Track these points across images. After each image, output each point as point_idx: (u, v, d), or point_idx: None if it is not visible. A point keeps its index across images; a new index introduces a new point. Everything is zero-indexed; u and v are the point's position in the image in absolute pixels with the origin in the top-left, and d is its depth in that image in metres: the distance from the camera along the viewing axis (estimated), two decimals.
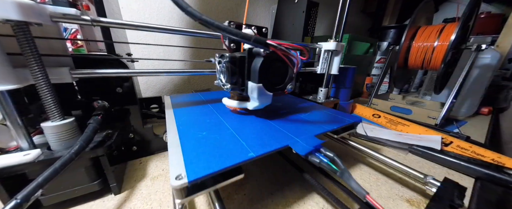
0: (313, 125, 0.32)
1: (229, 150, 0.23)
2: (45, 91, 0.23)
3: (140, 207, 0.27)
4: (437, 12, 1.24)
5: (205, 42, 0.71)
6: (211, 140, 0.25)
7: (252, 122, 0.32)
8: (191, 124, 0.30)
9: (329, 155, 0.23)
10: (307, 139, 0.26)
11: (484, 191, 0.31)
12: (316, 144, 0.24)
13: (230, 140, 0.25)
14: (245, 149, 0.23)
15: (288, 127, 0.30)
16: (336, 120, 0.35)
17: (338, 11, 0.46)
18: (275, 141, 0.25)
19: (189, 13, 0.23)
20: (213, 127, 0.29)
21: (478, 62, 0.65)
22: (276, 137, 0.27)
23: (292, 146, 0.24)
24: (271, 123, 0.32)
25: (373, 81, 0.99)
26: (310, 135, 0.27)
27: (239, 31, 0.23)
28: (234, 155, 0.22)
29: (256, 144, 0.24)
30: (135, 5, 0.59)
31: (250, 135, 0.27)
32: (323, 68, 0.49)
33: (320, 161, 0.23)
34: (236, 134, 0.27)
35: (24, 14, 0.20)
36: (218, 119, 0.32)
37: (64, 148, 0.25)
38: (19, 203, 0.17)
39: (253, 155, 0.22)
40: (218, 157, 0.21)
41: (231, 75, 0.29)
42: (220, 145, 0.24)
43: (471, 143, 0.45)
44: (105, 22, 0.26)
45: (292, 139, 0.26)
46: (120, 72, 0.31)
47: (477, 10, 0.58)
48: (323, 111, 0.41)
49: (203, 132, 0.27)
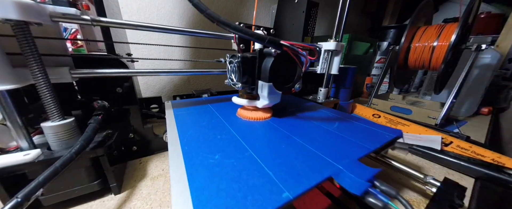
0: (346, 141, 0.26)
1: (253, 187, 0.17)
2: (45, 91, 0.23)
3: (140, 207, 0.27)
4: (437, 12, 1.24)
5: (205, 42, 0.71)
6: (227, 168, 0.19)
7: (271, 137, 0.27)
8: (198, 142, 0.24)
9: (389, 192, 0.17)
10: (352, 166, 0.20)
11: (484, 191, 0.31)
12: (369, 175, 0.18)
13: (251, 167, 0.19)
14: (275, 185, 0.17)
15: (317, 145, 0.24)
16: (372, 133, 0.28)
17: (338, 11, 0.46)
18: (310, 169, 0.19)
19: (208, 15, 0.24)
20: (227, 146, 0.24)
21: (478, 62, 0.65)
22: (308, 161, 0.21)
23: (336, 177, 0.18)
24: (294, 138, 0.26)
25: (373, 81, 0.99)
26: (352, 158, 0.21)
27: (254, 32, 0.25)
28: (263, 195, 0.16)
29: (286, 173, 0.18)
30: (135, 5, 0.59)
31: (275, 159, 0.21)
32: (323, 68, 0.49)
33: (384, 205, 0.16)
34: (257, 157, 0.21)
35: (24, 13, 0.20)
36: (230, 133, 0.27)
37: (64, 148, 0.25)
38: (19, 202, 0.17)
39: (289, 196, 0.16)
40: (241, 201, 0.15)
41: (243, 75, 0.30)
42: (240, 178, 0.18)
43: (471, 143, 0.45)
44: (105, 22, 0.26)
45: (331, 164, 0.20)
46: (120, 72, 0.31)
47: (477, 10, 0.58)
48: (349, 121, 0.34)
49: (215, 155, 0.21)
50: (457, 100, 0.60)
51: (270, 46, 0.26)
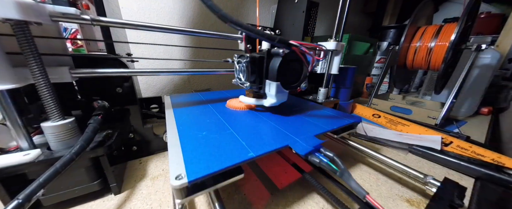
0: (313, 125, 0.32)
1: (229, 150, 0.23)
2: (45, 91, 0.23)
3: (140, 207, 0.27)
4: (437, 12, 1.24)
5: (205, 42, 0.71)
6: (211, 139, 0.25)
7: (252, 122, 0.32)
8: (191, 124, 0.30)
9: (329, 155, 0.24)
10: (307, 139, 0.26)
11: (484, 191, 0.31)
12: (316, 144, 0.25)
13: (230, 140, 0.25)
14: (245, 149, 0.23)
15: (288, 127, 0.30)
16: (336, 120, 0.35)
17: (338, 11, 0.46)
18: (275, 141, 0.25)
19: (221, 16, 0.24)
20: (213, 127, 0.29)
21: (478, 62, 0.65)
22: (276, 137, 0.27)
23: (292, 145, 0.25)
24: (271, 123, 0.32)
25: (373, 81, 0.99)
26: (310, 135, 0.28)
27: (265, 33, 0.26)
28: (234, 154, 0.22)
29: (256, 144, 0.24)
30: (135, 6, 0.59)
31: (250, 135, 0.27)
32: (323, 68, 0.49)
33: (320, 161, 0.23)
34: (236, 134, 0.27)
35: (24, 13, 0.20)
36: (218, 119, 0.33)
37: (64, 148, 0.25)
38: (21, 203, 0.17)
39: (253, 155, 0.22)
40: (218, 157, 0.21)
41: (251, 74, 0.31)
42: (220, 145, 0.24)
43: (471, 143, 0.45)
44: (105, 22, 0.26)
45: (292, 139, 0.26)
46: (120, 71, 0.31)
47: (477, 9, 0.58)
48: (323, 111, 0.41)
49: (203, 132, 0.27)
50: (457, 100, 0.60)
51: (279, 46, 0.27)
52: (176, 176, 0.18)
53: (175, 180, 0.17)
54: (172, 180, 0.17)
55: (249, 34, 0.27)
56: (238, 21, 0.24)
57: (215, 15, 0.24)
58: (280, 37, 0.26)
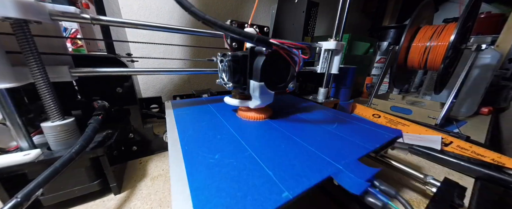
0: (346, 140, 0.26)
1: (253, 187, 0.17)
2: (44, 90, 0.23)
3: (140, 207, 0.27)
4: (437, 12, 1.24)
5: (205, 41, 0.71)
6: (227, 167, 0.19)
7: (271, 137, 0.27)
8: (198, 143, 0.24)
9: (389, 192, 0.17)
10: (352, 166, 0.20)
11: (484, 191, 0.31)
12: (369, 175, 0.18)
13: (251, 167, 0.19)
14: (275, 185, 0.17)
15: (317, 145, 0.24)
16: (371, 133, 0.28)
17: (338, 11, 0.46)
18: (310, 169, 0.19)
19: (192, 13, 0.23)
20: (227, 146, 0.24)
21: (478, 62, 0.65)
22: (308, 161, 0.21)
23: (336, 177, 0.19)
24: (293, 138, 0.26)
25: (373, 81, 0.99)
26: (352, 158, 0.21)
27: (242, 31, 0.24)
28: (262, 195, 0.16)
29: (286, 173, 0.18)
30: (135, 5, 0.59)
31: (275, 159, 0.21)
32: (323, 68, 0.49)
33: (384, 205, 0.16)
34: (256, 157, 0.21)
35: (23, 12, 0.20)
36: (230, 134, 0.27)
37: (64, 148, 0.25)
38: (19, 202, 0.17)
39: (289, 196, 0.16)
40: (241, 200, 0.15)
41: (234, 74, 0.29)
42: (239, 178, 0.18)
43: (471, 143, 0.45)
44: (105, 21, 0.26)
45: (330, 164, 0.20)
46: (120, 71, 0.31)
47: (477, 9, 0.58)
48: (349, 120, 0.34)
49: (215, 155, 0.22)
50: (457, 100, 0.60)
51: (259, 45, 0.26)
52: None
53: None
54: None
55: (225, 33, 0.25)
56: (212, 18, 0.23)
57: (186, 12, 0.23)
58: (258, 36, 0.23)
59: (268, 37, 0.25)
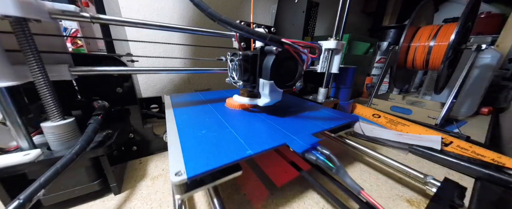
0: (310, 123, 0.33)
1: (227, 148, 0.23)
2: (44, 89, 0.23)
3: (140, 207, 0.27)
4: (437, 12, 1.24)
5: (205, 41, 0.71)
6: (210, 138, 0.26)
7: (251, 121, 0.32)
8: (190, 123, 0.30)
9: (325, 152, 0.24)
10: (304, 137, 0.26)
11: (484, 191, 0.31)
12: (312, 142, 0.25)
13: (228, 138, 0.26)
14: (243, 147, 0.23)
15: (286, 126, 0.30)
16: (334, 118, 0.36)
17: (338, 11, 0.46)
18: (273, 139, 0.26)
19: (209, 14, 0.24)
20: (212, 126, 0.30)
21: (478, 62, 0.65)
22: (274, 135, 0.27)
23: (289, 143, 0.25)
24: (270, 122, 0.32)
25: (373, 81, 0.99)
26: (308, 133, 0.28)
27: (256, 31, 0.25)
28: (233, 152, 0.22)
29: (254, 142, 0.25)
30: (135, 5, 0.59)
31: (249, 134, 0.27)
32: (323, 67, 0.49)
33: (317, 159, 0.23)
34: (235, 133, 0.27)
35: (23, 10, 0.19)
36: (217, 118, 0.33)
37: (64, 148, 0.25)
38: (22, 203, 0.17)
39: (251, 152, 0.22)
40: (217, 154, 0.22)
41: (244, 73, 0.31)
42: (219, 143, 0.24)
43: (471, 143, 0.45)
44: (105, 20, 0.26)
45: (289, 137, 0.27)
46: (119, 70, 0.31)
47: (477, 9, 0.58)
48: (322, 110, 0.41)
49: (203, 130, 0.28)
50: (457, 100, 0.60)
51: (271, 44, 0.27)
52: (175, 173, 0.18)
53: (175, 176, 0.18)
54: (171, 176, 0.18)
55: (240, 33, 0.26)
56: (228, 19, 0.24)
57: (203, 13, 0.24)
58: (271, 36, 0.25)
59: (280, 37, 0.26)
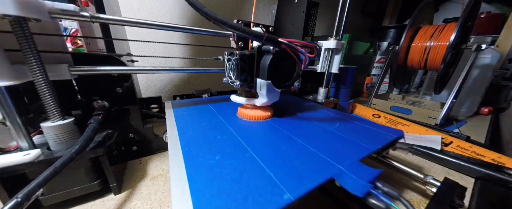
0: (347, 141, 0.26)
1: (254, 189, 0.16)
2: (44, 88, 0.23)
3: (140, 207, 0.27)
4: (437, 12, 1.24)
5: (206, 41, 0.71)
6: (227, 169, 0.19)
7: (272, 137, 0.27)
8: (199, 143, 0.24)
9: (392, 193, 0.17)
10: (354, 167, 0.19)
11: (484, 191, 0.31)
12: (371, 177, 0.18)
13: (252, 168, 0.19)
14: (276, 186, 0.17)
15: (318, 146, 0.24)
16: (373, 133, 0.28)
17: (338, 11, 0.46)
18: (312, 170, 0.19)
19: (204, 14, 0.23)
20: (227, 147, 0.23)
21: (478, 62, 0.65)
22: (309, 162, 0.20)
23: (338, 178, 0.18)
24: (294, 139, 0.26)
25: (373, 81, 0.99)
26: (354, 159, 0.21)
27: (252, 30, 0.24)
28: (263, 196, 0.15)
29: (288, 174, 0.18)
30: (135, 5, 0.59)
31: (276, 160, 0.21)
32: (323, 67, 0.49)
33: (387, 207, 0.16)
34: (257, 158, 0.21)
35: (22, 9, 0.19)
36: (230, 134, 0.27)
37: (64, 148, 0.25)
38: (19, 202, 0.17)
39: (290, 198, 0.15)
40: (242, 202, 0.15)
41: (241, 73, 0.30)
42: (241, 179, 0.18)
43: (471, 143, 0.45)
44: (104, 19, 0.26)
45: (332, 165, 0.20)
46: (119, 69, 0.31)
47: (477, 9, 0.58)
48: (351, 121, 0.34)
49: (216, 156, 0.21)
50: (457, 100, 0.60)
51: (268, 44, 0.26)
52: None
53: None
54: None
55: (235, 32, 0.26)
56: (223, 18, 0.23)
57: (198, 13, 0.23)
58: (268, 35, 0.24)
59: (277, 37, 0.25)
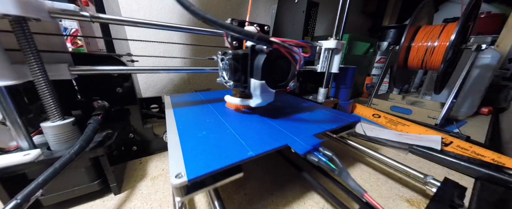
0: (312, 124, 0.32)
1: (228, 149, 0.23)
2: (44, 88, 0.23)
3: (140, 207, 0.27)
4: (437, 12, 1.24)
5: (205, 40, 0.71)
6: (211, 139, 0.25)
7: (252, 122, 0.32)
8: (191, 124, 0.30)
9: (327, 154, 0.24)
10: (306, 138, 0.26)
11: (484, 191, 0.31)
12: (314, 143, 0.25)
13: (229, 139, 0.25)
14: (244, 148, 0.23)
15: (288, 127, 0.30)
16: (336, 119, 0.35)
17: (338, 11, 0.46)
18: (274, 141, 0.25)
19: (192, 12, 0.23)
20: (213, 127, 0.29)
21: (478, 62, 0.65)
22: (275, 136, 0.27)
23: (291, 145, 0.25)
24: (271, 123, 0.32)
25: (373, 81, 0.99)
26: (309, 134, 0.27)
27: (242, 29, 0.24)
28: (234, 154, 0.22)
29: (256, 143, 0.24)
30: (135, 5, 0.59)
31: (250, 135, 0.27)
32: (323, 67, 0.49)
33: (319, 160, 0.23)
34: (235, 134, 0.27)
35: (22, 9, 0.19)
36: (218, 119, 0.32)
37: (64, 148, 0.25)
38: (19, 203, 0.17)
39: (252, 154, 0.22)
40: (218, 156, 0.21)
41: (234, 73, 0.29)
42: (219, 144, 0.24)
43: (471, 143, 0.45)
44: (104, 19, 0.26)
45: (291, 138, 0.26)
46: (119, 69, 0.31)
47: (477, 9, 0.58)
48: (323, 110, 0.41)
49: (203, 131, 0.27)
50: (457, 100, 0.60)
51: (260, 44, 0.26)
52: (176, 175, 0.18)
53: (175, 178, 0.18)
54: (172, 179, 0.18)
55: (226, 31, 0.24)
56: (213, 17, 0.23)
57: (187, 11, 0.23)
58: (259, 34, 0.24)
59: (269, 36, 0.25)
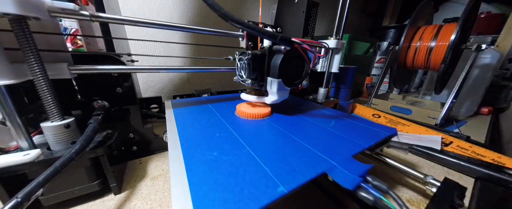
0: (343, 139, 0.26)
1: (250, 182, 0.17)
2: (43, 87, 0.23)
3: (140, 207, 0.27)
4: (437, 12, 1.24)
5: (205, 40, 0.71)
6: (225, 163, 0.20)
7: (269, 135, 0.27)
8: (197, 140, 0.25)
9: (381, 187, 0.18)
10: (346, 162, 0.20)
11: (484, 191, 0.31)
12: (361, 171, 0.18)
13: (248, 164, 0.20)
14: (271, 180, 0.17)
15: (315, 143, 0.25)
16: (367, 131, 0.29)
17: (338, 11, 0.46)
18: (305, 165, 0.20)
19: (222, 15, 0.25)
20: (225, 143, 0.24)
21: (478, 62, 0.65)
22: (304, 157, 0.21)
23: (330, 173, 0.19)
24: (291, 136, 0.27)
25: (373, 81, 0.99)
26: (347, 155, 0.22)
27: (267, 31, 0.26)
28: (259, 189, 0.16)
29: (282, 169, 0.19)
30: (135, 5, 0.59)
31: (272, 156, 0.22)
32: (323, 67, 0.49)
33: (376, 200, 0.17)
34: (254, 155, 0.22)
35: (22, 8, 0.19)
36: (229, 132, 0.27)
37: (64, 148, 0.25)
38: (19, 202, 0.17)
39: (284, 190, 0.16)
40: (238, 195, 0.16)
41: (252, 71, 0.31)
42: (237, 173, 0.18)
43: (471, 143, 0.45)
44: (104, 18, 0.26)
45: (325, 161, 0.21)
46: (119, 68, 0.31)
47: (477, 9, 0.58)
48: (346, 119, 0.35)
49: (214, 152, 0.22)
50: (457, 100, 0.60)
51: (282, 44, 0.28)
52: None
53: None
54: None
55: (251, 33, 0.27)
56: (240, 19, 0.25)
57: (216, 14, 0.24)
58: (282, 35, 0.26)
59: (290, 36, 0.27)
